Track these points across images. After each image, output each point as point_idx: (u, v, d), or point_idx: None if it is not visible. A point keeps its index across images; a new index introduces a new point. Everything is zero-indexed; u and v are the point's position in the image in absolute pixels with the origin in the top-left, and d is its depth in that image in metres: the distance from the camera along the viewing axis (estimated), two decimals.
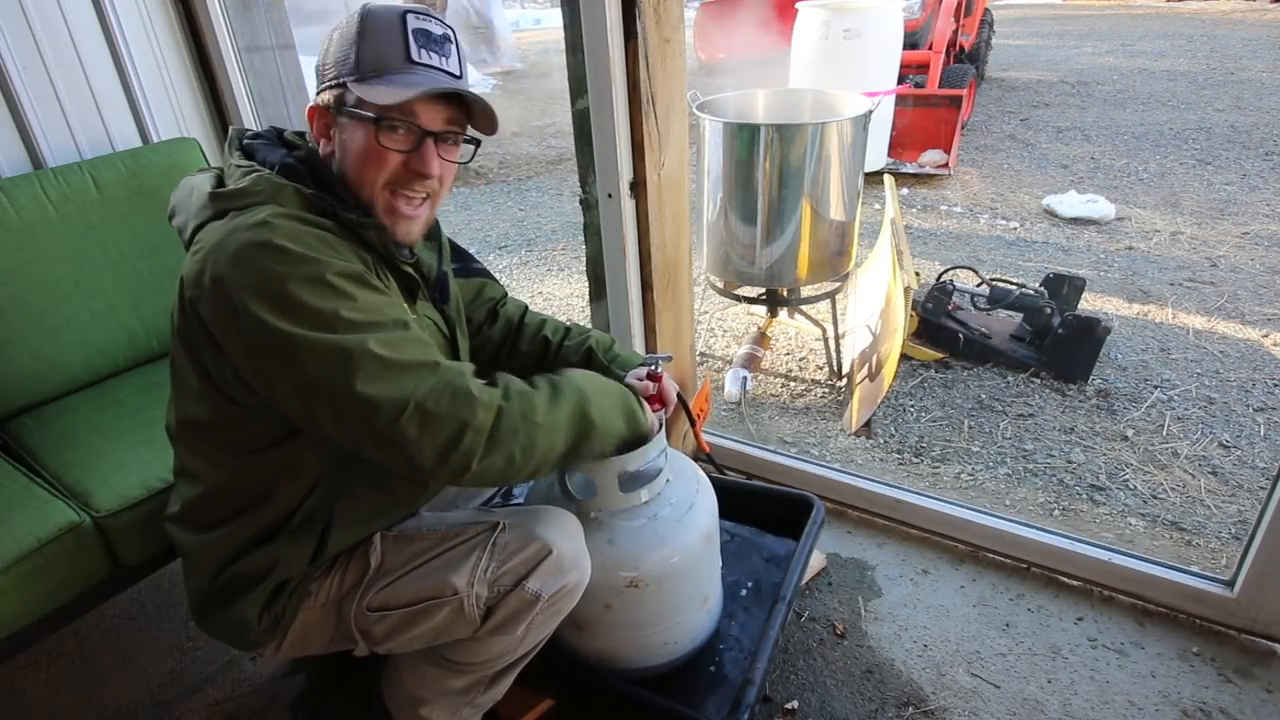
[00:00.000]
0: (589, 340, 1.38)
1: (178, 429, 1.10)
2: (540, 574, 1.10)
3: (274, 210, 0.95)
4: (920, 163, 5.27)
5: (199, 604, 1.13)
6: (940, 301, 2.97)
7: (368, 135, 1.00)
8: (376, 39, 0.99)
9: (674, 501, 1.33)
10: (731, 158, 2.64)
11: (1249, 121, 6.06)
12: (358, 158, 1.02)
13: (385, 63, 1.00)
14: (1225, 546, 1.98)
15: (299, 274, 0.91)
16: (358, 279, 0.96)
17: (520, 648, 1.17)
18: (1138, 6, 13.81)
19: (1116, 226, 4.24)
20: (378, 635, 1.14)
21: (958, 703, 1.49)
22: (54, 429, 1.61)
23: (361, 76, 0.99)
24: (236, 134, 1.11)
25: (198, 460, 1.09)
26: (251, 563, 1.08)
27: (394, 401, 0.92)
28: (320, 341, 0.90)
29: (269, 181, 0.98)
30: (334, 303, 0.92)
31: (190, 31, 2.03)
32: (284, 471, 1.06)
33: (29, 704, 1.63)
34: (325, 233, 0.97)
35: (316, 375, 0.91)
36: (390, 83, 0.98)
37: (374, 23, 1.00)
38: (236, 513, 1.08)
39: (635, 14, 1.46)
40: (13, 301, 1.62)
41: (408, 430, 0.92)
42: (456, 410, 0.94)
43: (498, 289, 1.44)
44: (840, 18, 4.82)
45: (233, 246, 0.92)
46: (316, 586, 1.14)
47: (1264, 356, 2.88)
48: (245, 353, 0.93)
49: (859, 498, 1.95)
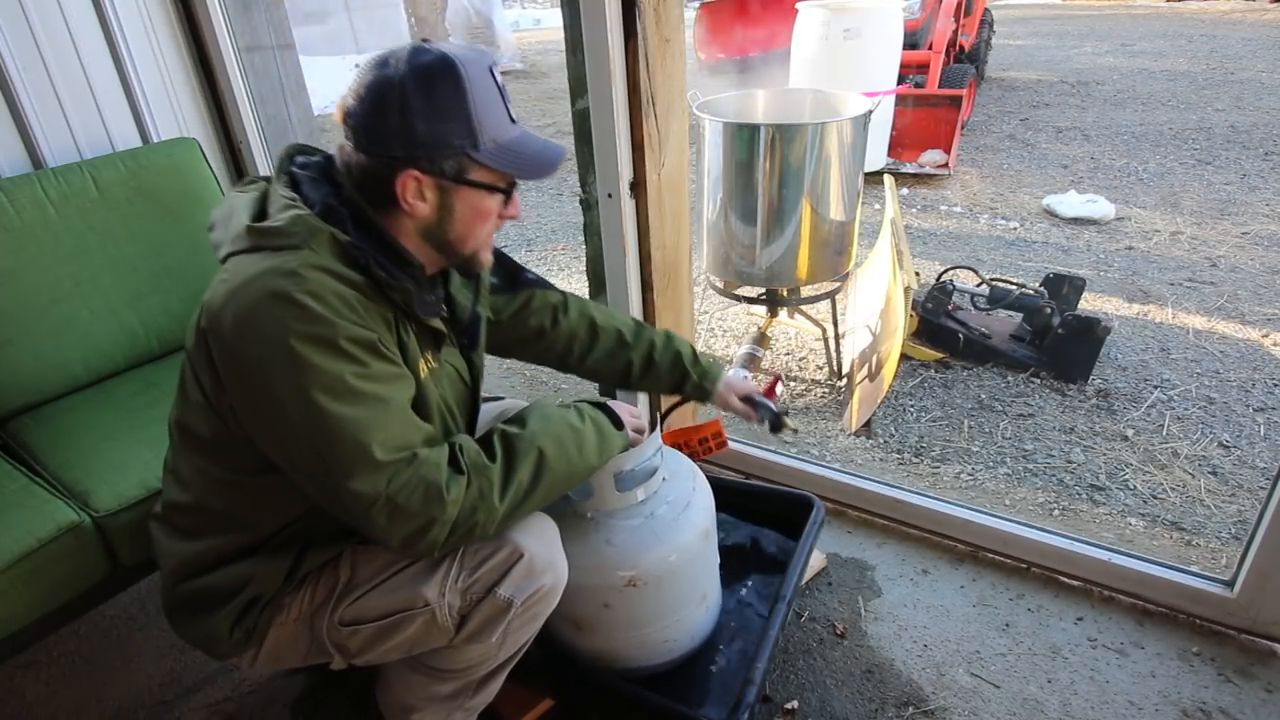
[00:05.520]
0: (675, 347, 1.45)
1: (177, 429, 1.10)
2: (512, 579, 1.08)
3: (306, 259, 0.94)
4: (920, 163, 5.27)
5: (170, 608, 1.14)
6: (940, 301, 2.96)
7: (492, 203, 1.04)
8: (485, 101, 0.99)
9: (671, 500, 1.33)
10: (731, 158, 2.64)
11: (1249, 121, 6.06)
12: (472, 222, 1.04)
13: (500, 129, 1.01)
14: (1225, 546, 1.98)
15: (313, 334, 0.91)
16: (370, 347, 0.95)
17: (501, 653, 1.16)
18: (1138, 6, 13.81)
19: (1116, 226, 4.24)
20: (353, 648, 1.13)
21: (958, 703, 1.49)
22: (54, 429, 1.61)
23: (481, 146, 0.99)
24: (288, 155, 1.08)
25: (188, 466, 1.09)
26: (224, 577, 1.08)
27: (365, 495, 0.93)
28: (315, 415, 0.91)
29: (306, 224, 0.96)
30: (341, 366, 0.92)
31: (190, 31, 2.03)
32: (269, 499, 1.06)
33: (29, 704, 1.63)
34: (352, 290, 0.96)
35: (302, 449, 0.94)
36: (515, 155, 1.01)
37: (479, 88, 0.98)
38: (215, 529, 1.08)
39: (635, 14, 1.46)
40: (13, 301, 1.62)
41: (376, 518, 0.95)
42: (426, 508, 0.96)
43: (553, 296, 1.43)
44: (840, 18, 4.82)
45: (256, 292, 0.91)
46: (289, 601, 1.13)
47: (1264, 356, 2.88)
48: (243, 398, 0.95)
49: (859, 498, 1.95)
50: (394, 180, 0.98)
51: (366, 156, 0.98)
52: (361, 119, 0.97)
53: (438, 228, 1.03)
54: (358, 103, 0.97)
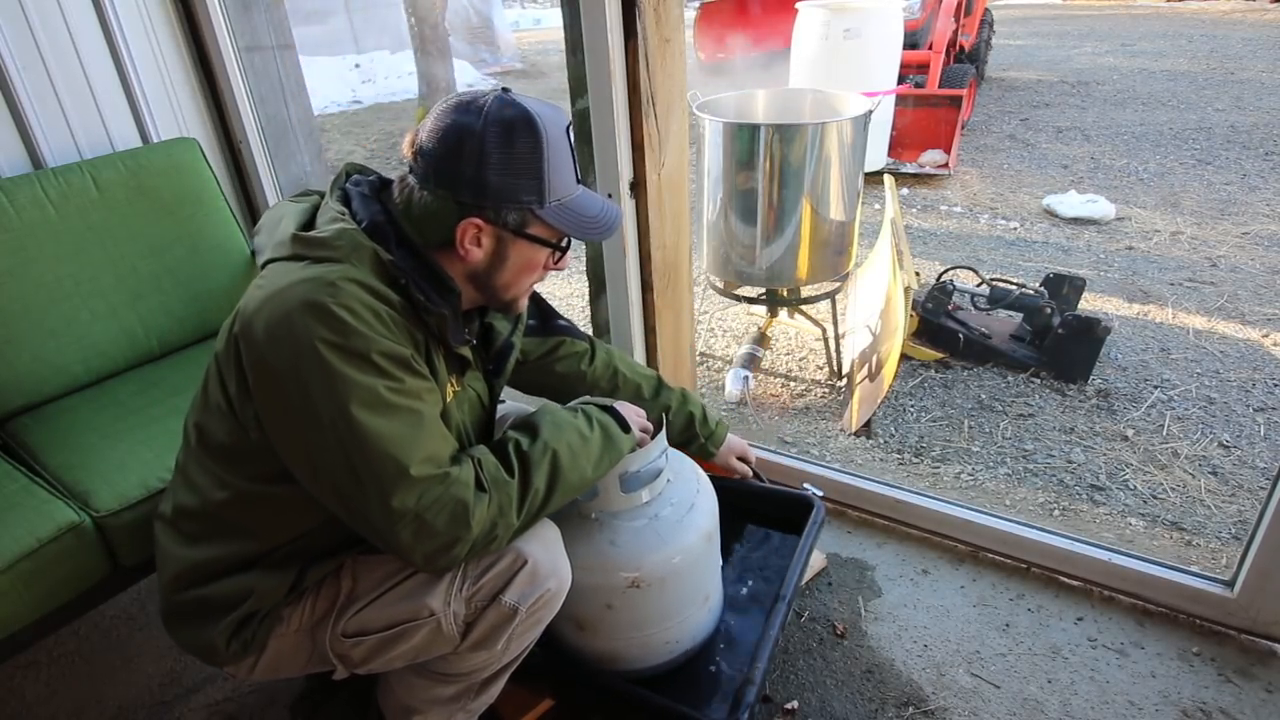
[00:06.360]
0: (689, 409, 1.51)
1: (195, 430, 1.09)
2: (516, 586, 1.08)
3: (345, 272, 0.94)
4: (920, 163, 5.27)
5: (167, 614, 1.13)
6: (940, 301, 2.97)
7: (543, 256, 1.07)
8: (558, 162, 1.01)
9: (675, 501, 1.33)
10: (731, 158, 2.64)
11: (1249, 121, 6.06)
12: (520, 272, 1.06)
13: (566, 189, 1.03)
14: (1225, 546, 1.98)
15: (346, 346, 0.91)
16: (403, 362, 0.96)
17: (504, 657, 1.16)
18: (1138, 6, 13.81)
19: (1116, 226, 4.24)
20: (356, 658, 1.12)
21: (958, 703, 1.49)
22: (54, 429, 1.61)
23: (546, 204, 1.01)
24: (346, 172, 1.10)
25: (201, 471, 1.08)
26: (224, 588, 1.07)
27: (396, 511, 0.93)
28: (351, 428, 0.91)
29: (351, 238, 0.97)
30: (375, 380, 0.93)
31: (190, 31, 2.03)
32: (280, 510, 1.06)
33: (29, 704, 1.63)
34: (386, 307, 0.96)
35: (333, 462, 0.93)
36: (576, 215, 1.04)
37: (555, 147, 1.00)
38: (221, 537, 1.08)
39: (635, 14, 1.46)
40: (13, 301, 1.62)
41: (401, 535, 0.94)
42: (453, 527, 0.96)
43: (580, 345, 1.44)
44: (840, 18, 4.82)
45: (292, 300, 0.92)
46: (289, 613, 1.12)
47: (1264, 356, 2.88)
48: (271, 406, 0.95)
49: (859, 498, 1.95)
50: (455, 224, 1.00)
51: (432, 195, 1.00)
52: (435, 160, 0.98)
53: (486, 273, 1.06)
54: (434, 142, 0.98)
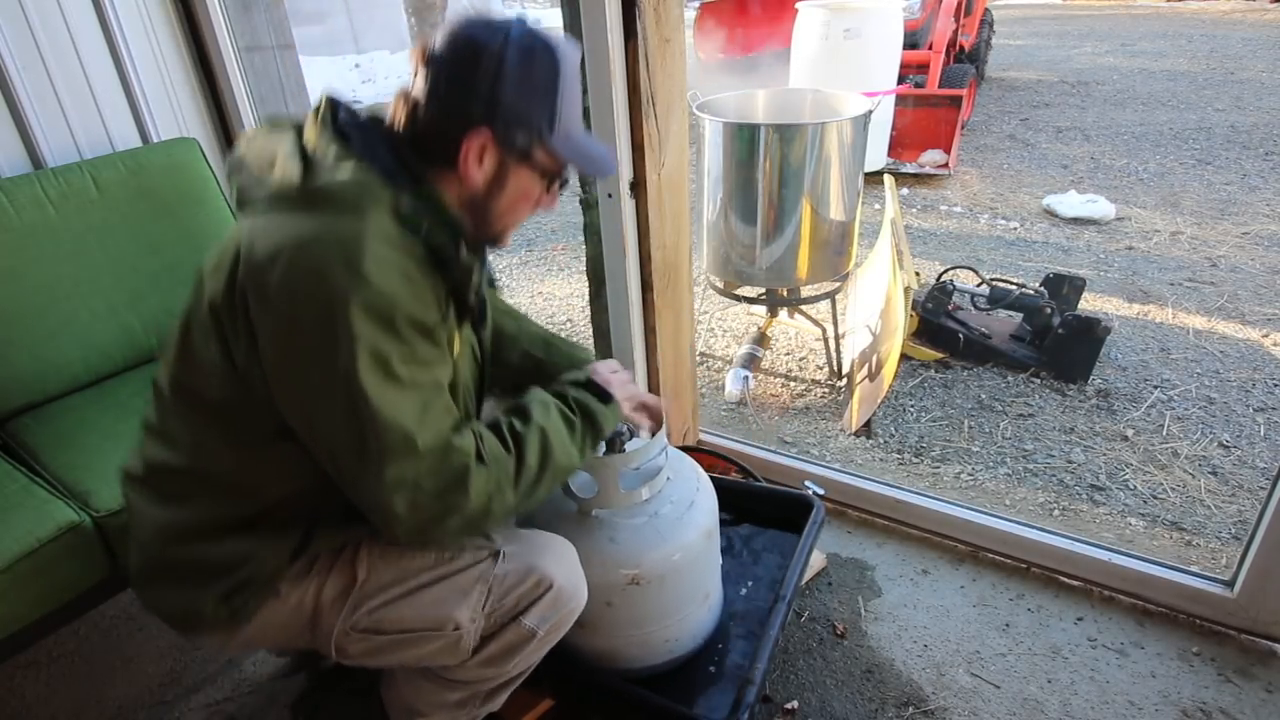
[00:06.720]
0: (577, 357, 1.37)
1: (171, 389, 1.02)
2: (539, 609, 1.07)
3: (370, 227, 0.89)
4: (920, 163, 5.27)
5: (144, 572, 1.06)
6: (940, 301, 2.96)
7: (541, 187, 1.04)
8: (571, 94, 0.99)
9: (674, 499, 1.33)
10: (731, 158, 2.64)
11: (1249, 121, 6.06)
12: (516, 201, 1.04)
13: (573, 123, 1.02)
14: (1225, 546, 1.98)
15: (375, 307, 0.87)
16: (425, 330, 0.93)
17: (512, 672, 1.15)
18: (1138, 6, 13.81)
19: (1116, 226, 4.24)
20: (354, 652, 1.09)
21: (958, 703, 1.49)
22: (54, 429, 1.61)
23: (555, 131, 0.99)
24: (330, 108, 0.98)
25: (184, 429, 1.02)
26: (219, 550, 1.01)
27: (394, 480, 0.90)
28: (363, 392, 0.87)
29: (368, 188, 0.91)
30: (395, 346, 0.89)
31: (190, 31, 2.03)
32: (276, 467, 1.00)
33: (29, 704, 1.63)
34: (412, 262, 0.92)
35: (338, 425, 0.90)
36: (582, 149, 1.03)
37: (570, 79, 0.99)
38: (211, 495, 1.01)
39: (635, 14, 1.46)
40: (13, 301, 1.62)
41: (395, 505, 0.91)
42: (449, 497, 0.93)
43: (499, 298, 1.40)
44: (840, 18, 4.82)
45: (317, 258, 0.87)
46: (288, 588, 1.06)
47: (1264, 356, 2.88)
48: (280, 361, 0.90)
49: (859, 498, 1.95)
50: (461, 139, 0.95)
51: (439, 108, 0.95)
52: (449, 68, 0.93)
53: (483, 198, 1.01)
54: (448, 51, 0.93)
